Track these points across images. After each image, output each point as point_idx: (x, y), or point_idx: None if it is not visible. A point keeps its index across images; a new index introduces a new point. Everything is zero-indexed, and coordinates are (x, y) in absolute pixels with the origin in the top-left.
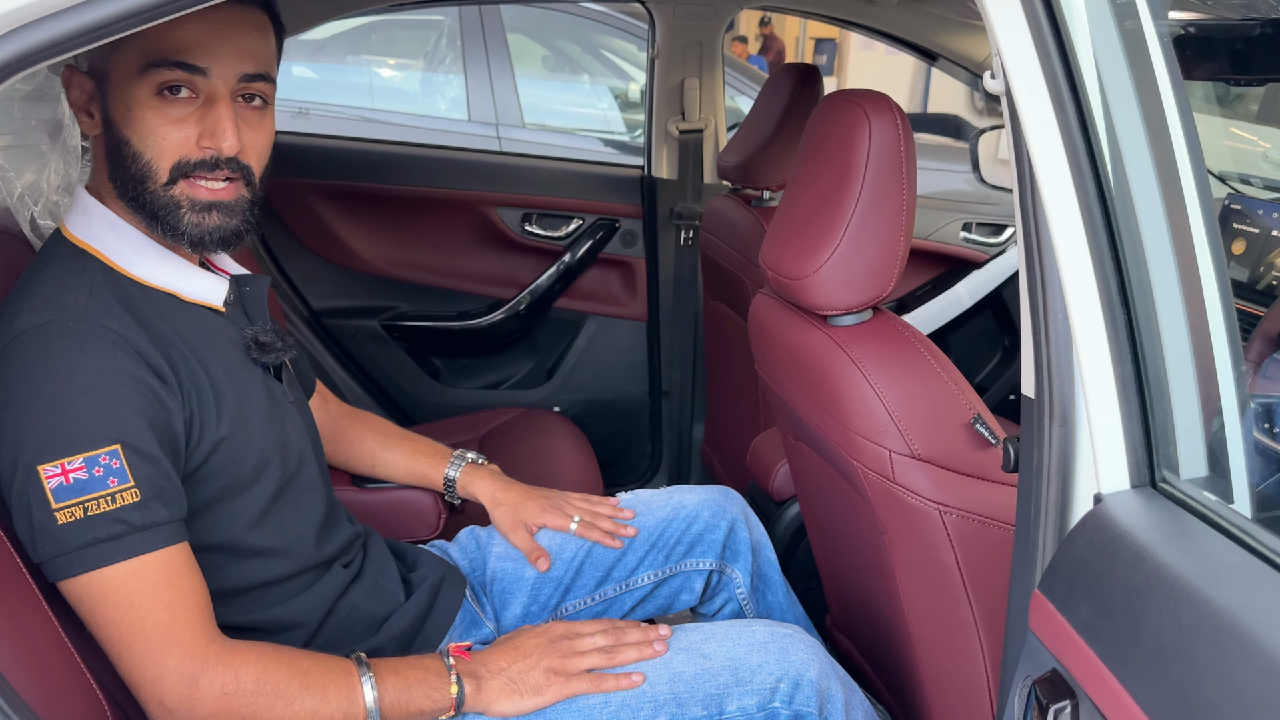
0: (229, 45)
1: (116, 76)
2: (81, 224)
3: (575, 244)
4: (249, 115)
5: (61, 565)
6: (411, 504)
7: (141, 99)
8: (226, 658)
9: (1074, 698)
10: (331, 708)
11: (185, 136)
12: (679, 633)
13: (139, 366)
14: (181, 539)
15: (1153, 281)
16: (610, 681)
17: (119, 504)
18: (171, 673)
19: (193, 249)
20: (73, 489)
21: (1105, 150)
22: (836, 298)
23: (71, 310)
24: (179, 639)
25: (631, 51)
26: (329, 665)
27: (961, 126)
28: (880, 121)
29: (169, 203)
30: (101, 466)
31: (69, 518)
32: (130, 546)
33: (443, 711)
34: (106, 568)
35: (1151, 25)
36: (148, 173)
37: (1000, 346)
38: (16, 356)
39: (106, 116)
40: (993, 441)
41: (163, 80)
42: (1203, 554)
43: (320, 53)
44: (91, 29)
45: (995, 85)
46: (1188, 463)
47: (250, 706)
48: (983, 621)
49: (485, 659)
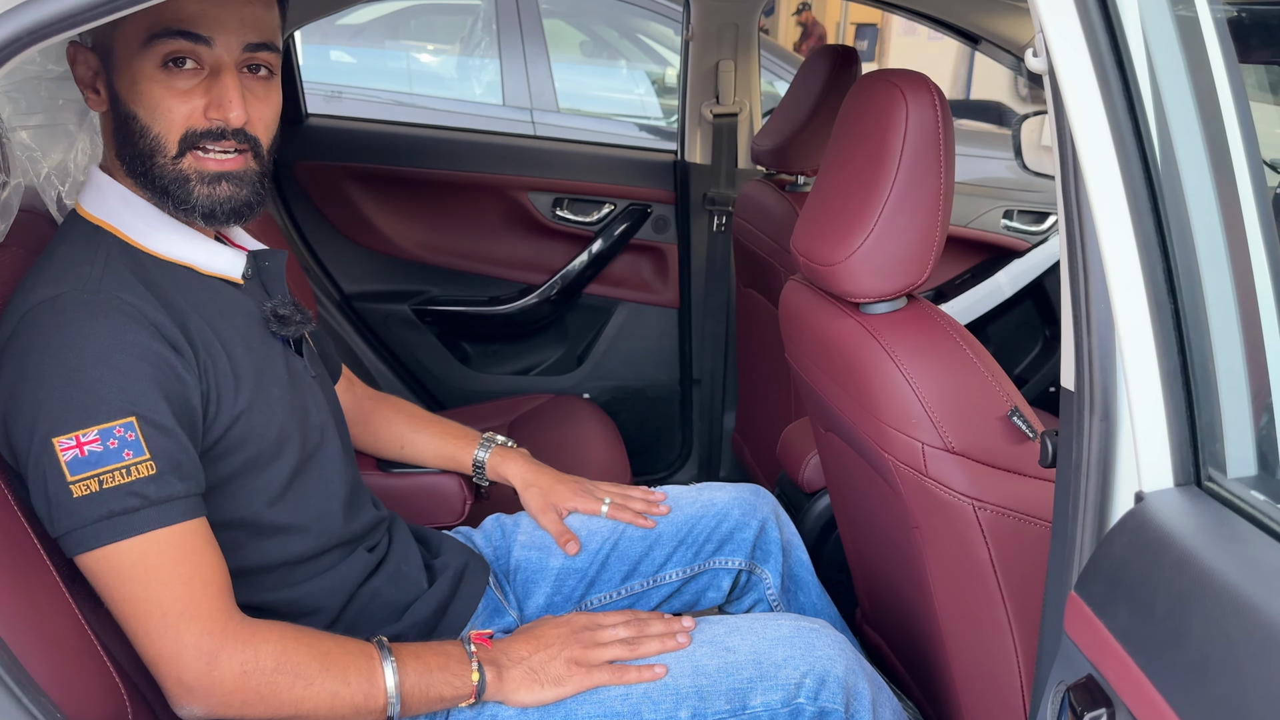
0: (232, 15)
1: (121, 51)
2: (96, 201)
3: (607, 229)
4: (255, 86)
5: (78, 539)
6: (437, 489)
7: (147, 72)
8: (246, 635)
9: (1110, 706)
10: (351, 690)
11: (192, 108)
12: (703, 625)
13: (154, 339)
14: (199, 514)
15: (1201, 271)
16: (632, 673)
17: (134, 476)
18: (189, 649)
19: (205, 222)
20: (87, 461)
21: (1154, 132)
22: (869, 285)
23: (86, 283)
24: (196, 615)
25: (669, 36)
26: (350, 647)
27: (1004, 113)
28: (918, 102)
29: (178, 176)
30: (116, 439)
31: (84, 490)
32: (147, 520)
33: (463, 699)
34: (122, 541)
35: (1206, 5)
36: (156, 146)
37: (1041, 337)
38: (31, 328)
39: (113, 92)
40: (1030, 435)
41: (167, 51)
42: (1252, 559)
43: (359, 37)
44: (98, 4)
45: (1038, 64)
46: (1235, 461)
47: (269, 685)
48: (1017, 621)
49: (506, 647)
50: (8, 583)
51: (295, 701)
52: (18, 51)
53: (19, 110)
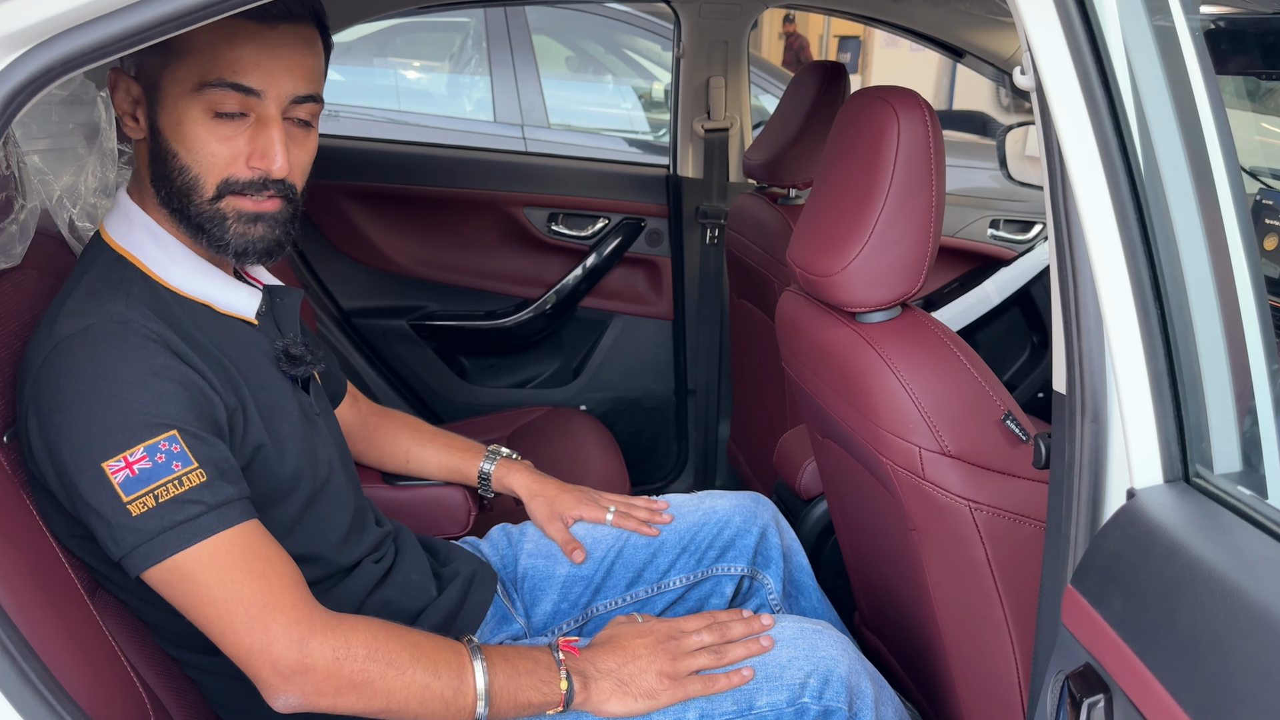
0: (282, 65)
1: (169, 90)
2: (122, 229)
3: (601, 243)
4: (296, 133)
5: (144, 554)
6: (442, 501)
7: (194, 115)
8: (334, 624)
9: (1108, 691)
10: (442, 683)
11: (234, 154)
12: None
13: (180, 363)
14: (254, 515)
15: (1186, 276)
16: (723, 681)
17: (188, 485)
18: (280, 638)
19: (236, 260)
20: (139, 480)
21: (1137, 144)
22: (865, 294)
23: (112, 315)
24: (280, 604)
25: (655, 51)
26: (440, 642)
27: (988, 123)
28: (909, 118)
29: (214, 215)
30: (163, 453)
31: (142, 508)
32: (209, 524)
33: (551, 706)
34: (190, 548)
35: (1183, 19)
36: (194, 187)
37: (1028, 344)
38: (62, 360)
39: (154, 126)
40: (1023, 438)
41: (216, 101)
42: (1238, 547)
43: (347, 55)
44: (137, 31)
45: (1026, 81)
46: (1222, 457)
47: (362, 672)
48: (1013, 618)
49: (594, 658)
50: (40, 597)
51: (387, 691)
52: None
53: (29, 134)
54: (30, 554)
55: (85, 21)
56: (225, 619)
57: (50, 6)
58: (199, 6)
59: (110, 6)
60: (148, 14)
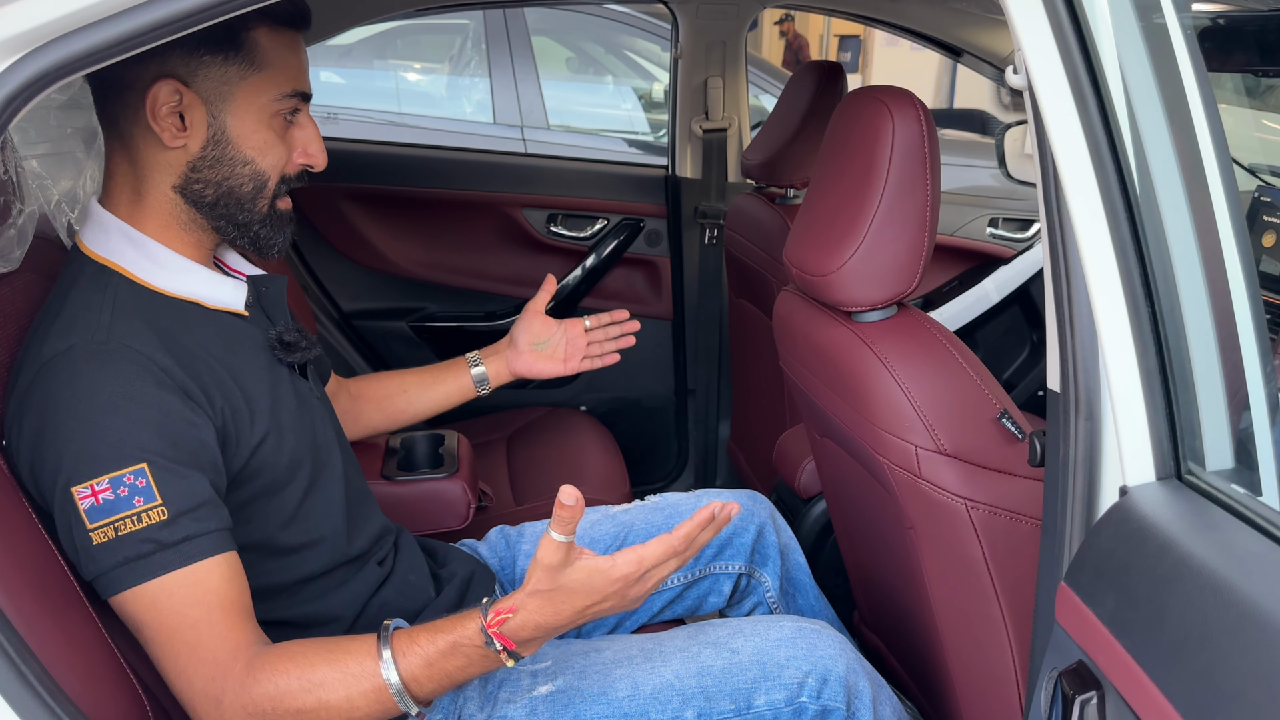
0: (308, 68)
1: (246, 98)
2: (99, 239)
3: (600, 244)
4: None
5: (104, 585)
6: (441, 495)
7: (265, 120)
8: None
9: (1100, 688)
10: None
11: (284, 153)
12: (707, 628)
13: (161, 387)
14: (222, 549)
15: (1176, 274)
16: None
17: (145, 523)
18: (199, 694)
19: (262, 255)
20: (103, 509)
21: (1128, 144)
22: (861, 294)
23: (95, 331)
24: (203, 659)
25: (655, 52)
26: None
27: (988, 122)
28: (903, 118)
29: (275, 218)
30: (126, 486)
31: (103, 538)
32: (162, 563)
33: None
34: (138, 586)
35: (1174, 17)
36: (261, 190)
37: (1028, 342)
38: (44, 383)
39: (219, 135)
40: (1019, 436)
41: (288, 107)
42: (1228, 544)
43: (347, 58)
44: (134, 35)
45: (1017, 80)
46: (1214, 455)
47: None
48: (1010, 616)
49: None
50: (38, 598)
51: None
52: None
53: (27, 139)
54: (29, 555)
55: (83, 26)
56: (161, 661)
57: (48, 10)
58: (195, 10)
59: (107, 11)
60: (144, 18)
